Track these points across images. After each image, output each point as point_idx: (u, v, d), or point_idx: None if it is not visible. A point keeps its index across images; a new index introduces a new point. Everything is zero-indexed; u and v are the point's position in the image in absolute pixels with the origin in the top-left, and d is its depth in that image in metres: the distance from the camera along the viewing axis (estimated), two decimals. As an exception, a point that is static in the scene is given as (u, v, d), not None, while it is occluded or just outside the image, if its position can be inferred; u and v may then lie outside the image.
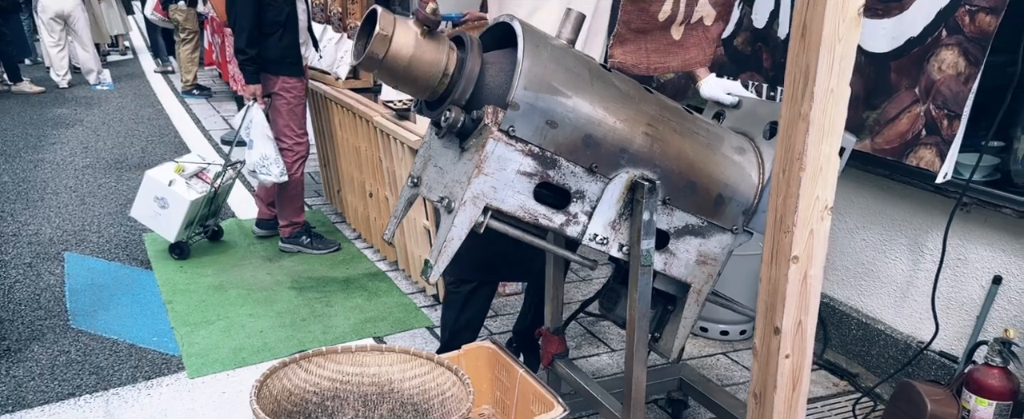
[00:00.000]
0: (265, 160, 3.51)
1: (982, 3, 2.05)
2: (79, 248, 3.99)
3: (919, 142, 2.30)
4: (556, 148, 1.51)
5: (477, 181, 1.45)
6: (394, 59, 1.45)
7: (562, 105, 1.50)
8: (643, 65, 1.51)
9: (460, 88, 1.48)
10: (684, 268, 1.74)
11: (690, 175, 1.66)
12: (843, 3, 1.35)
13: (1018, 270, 2.25)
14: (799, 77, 1.41)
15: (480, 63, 1.50)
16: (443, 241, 1.47)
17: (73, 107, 7.66)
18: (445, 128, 1.46)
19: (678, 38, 1.52)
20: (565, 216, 1.56)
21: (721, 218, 1.74)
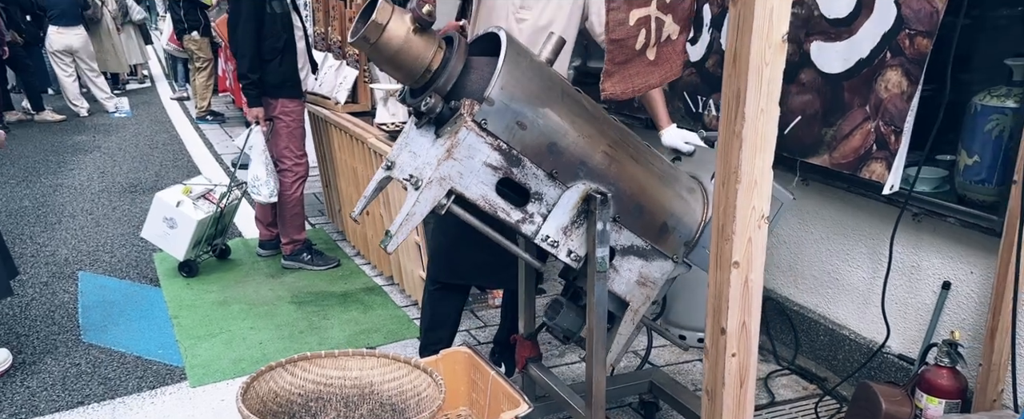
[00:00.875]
0: (256, 180, 3.64)
1: (919, 27, 2.15)
2: (93, 267, 4.11)
3: (871, 156, 2.39)
4: (522, 148, 1.61)
5: (446, 164, 1.55)
6: (384, 45, 1.57)
7: (533, 110, 1.60)
8: (630, 89, 1.65)
9: (443, 78, 1.59)
10: (625, 286, 1.83)
11: (640, 199, 1.76)
12: (768, 31, 1.44)
13: (965, 276, 2.33)
14: (732, 99, 1.51)
15: (464, 62, 1.61)
16: (406, 214, 1.57)
17: (92, 134, 7.83)
18: (425, 112, 1.57)
19: (653, 58, 1.64)
20: (522, 213, 1.66)
21: (664, 245, 1.84)
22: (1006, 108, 2.13)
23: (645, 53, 1.62)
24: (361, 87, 4.19)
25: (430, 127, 1.64)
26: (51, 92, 9.74)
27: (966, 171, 2.28)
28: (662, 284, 1.88)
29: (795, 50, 2.59)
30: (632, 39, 1.57)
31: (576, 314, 1.93)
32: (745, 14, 1.43)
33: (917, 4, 2.16)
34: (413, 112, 1.68)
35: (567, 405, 2.10)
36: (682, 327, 3.13)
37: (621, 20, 1.52)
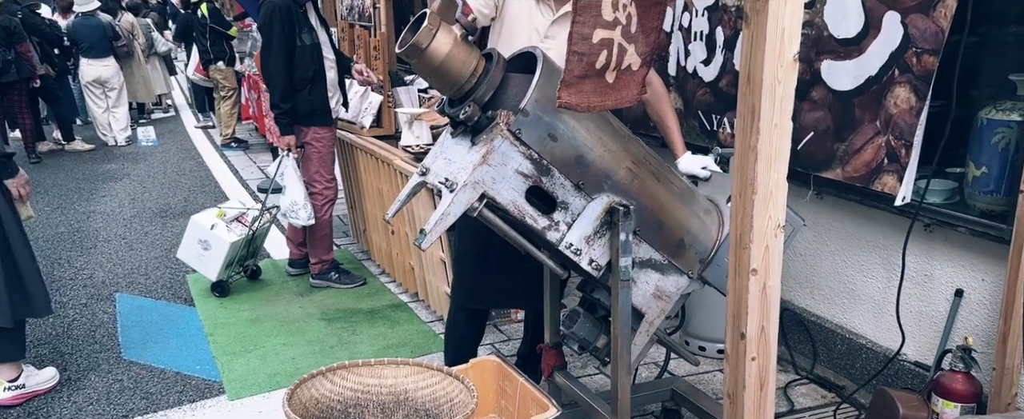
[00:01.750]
0: (295, 205, 3.75)
1: (925, 46, 2.23)
2: (129, 289, 4.23)
3: (882, 169, 2.46)
4: (552, 159, 1.70)
5: (480, 169, 1.64)
6: (434, 51, 1.66)
7: (564, 124, 1.70)
8: (584, 104, 1.67)
9: (482, 89, 1.69)
10: (641, 297, 1.91)
11: (659, 215, 1.85)
12: (780, 51, 1.53)
13: (977, 283, 2.38)
14: (747, 115, 1.59)
15: (502, 75, 1.71)
16: (441, 214, 1.66)
17: (121, 162, 8.01)
18: (463, 120, 1.67)
19: (611, 81, 1.71)
20: (549, 221, 1.75)
21: (681, 260, 1.92)
22: (1011, 121, 2.20)
23: (604, 75, 1.67)
24: (385, 112, 4.32)
25: (466, 136, 1.74)
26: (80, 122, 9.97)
27: (975, 182, 2.34)
28: (677, 299, 1.96)
29: (806, 69, 2.68)
30: (594, 56, 1.62)
31: (592, 325, 2.00)
32: (758, 35, 1.51)
33: (923, 23, 2.25)
34: (451, 121, 1.78)
35: (593, 411, 2.17)
36: (702, 338, 3.19)
37: (585, 35, 1.57)
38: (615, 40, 1.64)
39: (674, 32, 3.45)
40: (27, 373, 3.01)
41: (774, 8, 1.48)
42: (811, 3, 2.63)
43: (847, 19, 2.50)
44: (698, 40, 3.29)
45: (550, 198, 1.74)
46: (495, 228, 1.78)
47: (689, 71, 3.37)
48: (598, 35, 1.60)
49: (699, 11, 3.26)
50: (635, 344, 1.98)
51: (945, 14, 2.15)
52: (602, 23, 1.58)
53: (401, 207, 1.95)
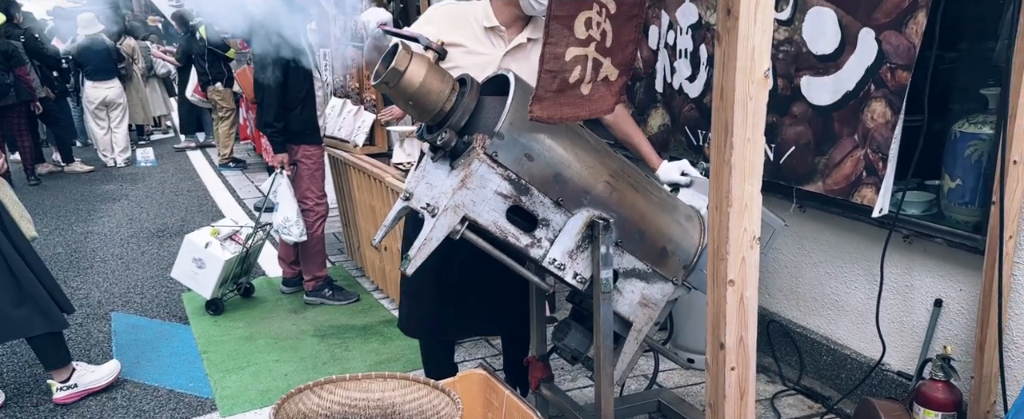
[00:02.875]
0: (288, 222, 3.78)
1: (898, 61, 2.27)
2: (124, 308, 4.23)
3: (861, 182, 2.49)
4: (530, 178, 1.72)
5: (460, 193, 1.66)
6: (410, 77, 1.69)
7: (540, 143, 1.72)
8: (557, 116, 1.68)
9: (457, 114, 1.72)
10: (628, 307, 1.93)
11: (641, 225, 1.87)
12: (751, 69, 1.56)
13: (955, 293, 2.41)
14: (721, 131, 1.62)
15: (477, 99, 1.74)
16: (424, 239, 1.68)
17: (119, 183, 8.04)
18: (440, 146, 1.69)
19: (586, 93, 1.70)
20: (531, 238, 1.76)
21: (664, 268, 1.94)
22: (983, 134, 2.24)
23: (579, 88, 1.69)
24: (378, 130, 4.36)
25: (445, 160, 1.77)
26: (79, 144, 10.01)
27: (950, 194, 2.37)
28: (664, 305, 1.98)
29: (787, 85, 2.72)
30: (566, 73, 1.64)
31: (583, 335, 2.02)
32: (729, 53, 1.55)
33: (896, 40, 2.29)
34: (429, 146, 1.81)
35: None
36: (691, 350, 3.20)
37: (557, 54, 1.58)
38: (589, 55, 1.66)
39: (660, 50, 3.49)
40: (80, 372, 3.12)
41: (744, 28, 1.52)
42: (789, 20, 2.68)
43: (824, 36, 2.55)
44: (683, 57, 3.33)
45: (531, 216, 1.76)
46: (478, 248, 1.80)
47: (675, 88, 3.41)
48: (571, 53, 1.63)
49: (683, 29, 3.30)
50: (625, 352, 2.00)
51: (916, 31, 2.20)
52: (574, 42, 1.61)
53: (387, 232, 1.98)
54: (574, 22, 1.60)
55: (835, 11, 2.48)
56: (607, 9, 1.64)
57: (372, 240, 2.05)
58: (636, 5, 1.66)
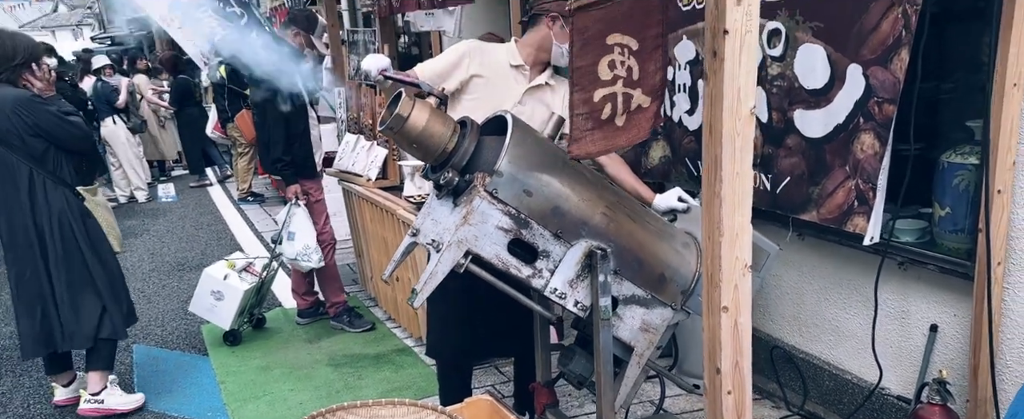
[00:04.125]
0: (307, 249, 3.91)
1: (884, 95, 2.34)
2: (146, 341, 4.31)
3: (854, 211, 2.54)
4: (529, 212, 1.79)
5: (463, 229, 1.74)
6: (413, 122, 1.78)
7: (537, 180, 1.80)
8: (595, 151, 1.73)
9: (459, 155, 1.81)
10: (629, 332, 1.98)
11: (638, 253, 1.94)
12: (737, 106, 1.62)
13: (950, 318, 2.44)
14: (711, 164, 1.69)
15: (477, 140, 1.83)
16: (429, 274, 1.75)
17: (141, 218, 8.18)
18: (444, 185, 1.77)
19: (622, 124, 1.74)
20: (532, 269, 1.83)
21: (663, 294, 1.99)
22: (969, 164, 2.29)
23: (614, 121, 1.74)
24: (390, 164, 4.45)
25: (449, 198, 1.85)
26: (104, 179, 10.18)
27: (941, 222, 2.42)
28: (664, 330, 2.03)
29: (781, 117, 2.79)
30: (598, 112, 1.69)
31: (587, 360, 2.07)
32: (716, 92, 1.62)
33: (882, 75, 2.36)
34: (434, 185, 1.89)
35: (584, 448, 2.22)
36: (697, 376, 3.23)
37: (586, 99, 1.64)
38: (618, 92, 1.72)
39: (660, 85, 3.58)
40: (110, 391, 3.29)
41: (729, 68, 1.59)
42: (781, 57, 2.76)
43: (815, 71, 2.62)
44: (682, 92, 3.42)
45: (532, 248, 1.83)
46: (482, 280, 1.87)
47: (675, 121, 3.49)
48: (599, 94, 1.69)
49: (682, 65, 3.39)
50: (628, 377, 2.04)
51: (900, 66, 2.27)
52: (600, 84, 1.68)
53: (396, 267, 2.06)
54: (597, 68, 1.68)
55: (824, 48, 2.56)
56: (628, 48, 1.71)
57: (383, 275, 2.13)
58: (659, 36, 1.73)
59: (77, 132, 3.11)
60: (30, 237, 3.10)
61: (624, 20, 1.69)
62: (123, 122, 8.98)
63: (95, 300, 3.20)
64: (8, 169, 3.05)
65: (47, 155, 3.07)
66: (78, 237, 3.14)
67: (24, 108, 2.99)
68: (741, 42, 1.58)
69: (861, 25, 2.38)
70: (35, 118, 3.00)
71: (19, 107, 2.98)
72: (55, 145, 3.08)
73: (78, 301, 3.16)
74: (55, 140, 3.07)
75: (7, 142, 3.02)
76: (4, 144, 3.03)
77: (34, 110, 3.00)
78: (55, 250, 3.10)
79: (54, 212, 3.09)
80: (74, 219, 3.13)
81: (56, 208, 3.09)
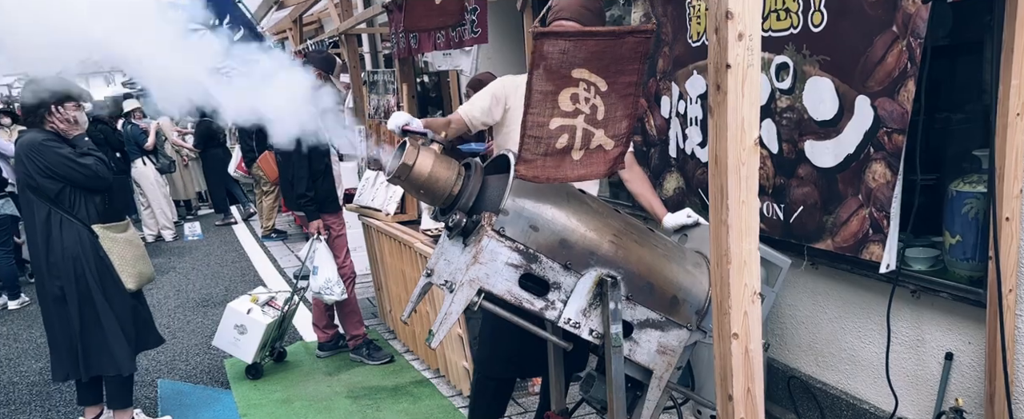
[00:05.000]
0: (329, 282, 3.96)
1: (893, 126, 2.37)
2: (170, 375, 4.37)
3: (868, 239, 2.55)
4: (537, 247, 1.83)
5: (474, 268, 1.78)
6: (419, 169, 1.84)
7: (543, 214, 1.84)
8: (543, 177, 1.73)
9: (465, 197, 1.85)
10: (647, 355, 1.99)
11: (649, 278, 1.96)
12: (741, 138, 1.66)
13: (964, 346, 2.42)
14: (717, 194, 1.72)
15: (481, 181, 1.87)
16: (444, 314, 1.79)
17: (168, 256, 8.30)
18: (452, 227, 1.82)
19: (578, 159, 1.75)
20: (544, 302, 1.86)
21: (677, 315, 2.01)
22: (978, 193, 2.30)
23: (569, 153, 1.75)
24: (408, 199, 4.53)
25: (459, 238, 1.89)
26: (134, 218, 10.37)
27: (952, 250, 2.42)
28: (681, 351, 2.04)
29: (791, 148, 2.82)
30: (551, 140, 1.70)
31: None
32: (721, 124, 1.66)
33: (890, 106, 2.39)
34: (443, 227, 1.95)
35: (600, 477, 2.22)
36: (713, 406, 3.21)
37: (541, 123, 1.65)
38: (577, 126, 1.74)
39: (672, 118, 3.63)
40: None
41: (733, 101, 1.63)
42: (790, 89, 2.80)
43: (823, 103, 2.66)
44: (694, 125, 3.46)
45: (543, 281, 1.86)
46: (497, 315, 1.91)
47: (687, 153, 3.53)
48: (556, 122, 1.71)
49: (693, 99, 3.45)
50: (649, 399, 2.04)
51: (907, 97, 2.30)
52: (560, 113, 1.70)
53: (413, 307, 2.10)
54: (557, 97, 1.69)
55: (832, 80, 2.60)
56: (596, 87, 1.74)
57: (401, 315, 2.18)
58: (631, 85, 1.77)
59: (86, 172, 3.20)
60: (43, 271, 3.24)
61: (594, 59, 1.71)
62: (152, 163, 9.18)
63: (101, 337, 3.28)
64: (30, 209, 3.24)
65: (62, 194, 3.20)
66: (88, 275, 3.24)
67: (35, 151, 3.15)
68: (743, 76, 1.62)
69: (867, 58, 2.43)
70: (45, 160, 3.14)
71: (31, 151, 3.15)
72: (70, 185, 3.20)
73: (87, 336, 3.27)
74: (68, 181, 3.19)
75: (26, 184, 3.21)
76: (25, 186, 3.23)
77: (44, 153, 3.14)
78: (69, 286, 3.22)
79: (67, 250, 3.20)
80: (86, 257, 3.23)
81: (69, 246, 3.20)
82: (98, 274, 3.26)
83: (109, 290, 3.30)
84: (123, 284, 3.33)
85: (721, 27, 1.59)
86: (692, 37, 3.28)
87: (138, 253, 3.44)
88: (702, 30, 3.21)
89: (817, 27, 2.59)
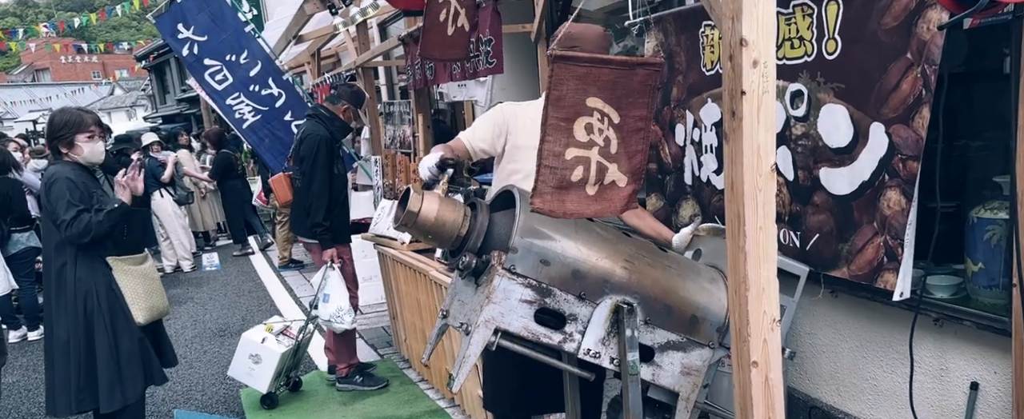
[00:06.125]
0: (340, 311, 3.97)
1: (908, 153, 2.34)
2: (186, 405, 4.35)
3: (883, 267, 2.51)
4: (550, 280, 1.81)
5: (488, 308, 1.76)
6: (425, 215, 1.83)
7: (552, 248, 1.82)
8: (560, 211, 1.68)
9: (473, 238, 1.84)
10: (671, 378, 1.95)
11: (666, 300, 1.93)
12: (757, 164, 1.64)
13: (990, 376, 2.36)
14: (734, 221, 1.70)
15: (487, 220, 1.86)
16: (463, 357, 1.77)
17: (186, 287, 8.35)
18: (463, 269, 1.81)
19: (592, 194, 1.72)
20: (562, 335, 1.83)
21: (698, 335, 1.97)
22: (1000, 219, 2.26)
23: (584, 188, 1.70)
24: (424, 229, 4.53)
25: (471, 278, 1.88)
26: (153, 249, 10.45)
27: (974, 277, 2.38)
28: (706, 370, 1.99)
29: (806, 176, 2.80)
30: (567, 170, 1.66)
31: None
32: (736, 151, 1.65)
33: (904, 132, 2.37)
34: (455, 268, 1.94)
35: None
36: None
37: (556, 152, 1.62)
38: (592, 158, 1.70)
39: (687, 146, 3.62)
40: None
41: (748, 127, 1.62)
42: (805, 117, 2.79)
43: (838, 130, 2.64)
44: (709, 152, 3.45)
45: (558, 314, 1.84)
46: (515, 352, 1.89)
47: (703, 180, 3.51)
48: (571, 153, 1.68)
49: (707, 127, 3.44)
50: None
51: (922, 124, 2.27)
52: (574, 143, 1.66)
53: (433, 349, 2.10)
54: (573, 125, 1.66)
55: (846, 107, 2.58)
56: (610, 118, 1.71)
57: (422, 358, 2.18)
58: (643, 119, 1.74)
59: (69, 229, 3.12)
60: (52, 303, 3.22)
61: (607, 88, 1.67)
62: (169, 195, 9.28)
63: (104, 371, 3.22)
64: (49, 239, 3.26)
65: None
66: (95, 310, 3.20)
67: (46, 186, 3.18)
68: (759, 102, 1.61)
69: (881, 85, 2.41)
70: (46, 197, 3.16)
71: (45, 184, 3.19)
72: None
73: (81, 372, 3.22)
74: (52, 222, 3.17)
75: (45, 215, 3.23)
76: (44, 216, 3.25)
77: (48, 191, 3.15)
78: (77, 319, 3.18)
79: (80, 282, 3.18)
80: (98, 290, 3.20)
81: (82, 278, 3.18)
82: (108, 308, 3.22)
83: (118, 324, 3.24)
84: (132, 318, 3.28)
85: (735, 54, 1.58)
86: (705, 66, 3.29)
87: (152, 287, 3.39)
88: (715, 59, 3.21)
89: (831, 55, 2.59)
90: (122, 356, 3.25)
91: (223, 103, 5.88)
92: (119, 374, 3.24)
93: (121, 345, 3.24)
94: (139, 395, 3.34)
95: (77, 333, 3.19)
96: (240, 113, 5.87)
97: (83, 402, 3.23)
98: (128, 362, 3.26)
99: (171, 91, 27.16)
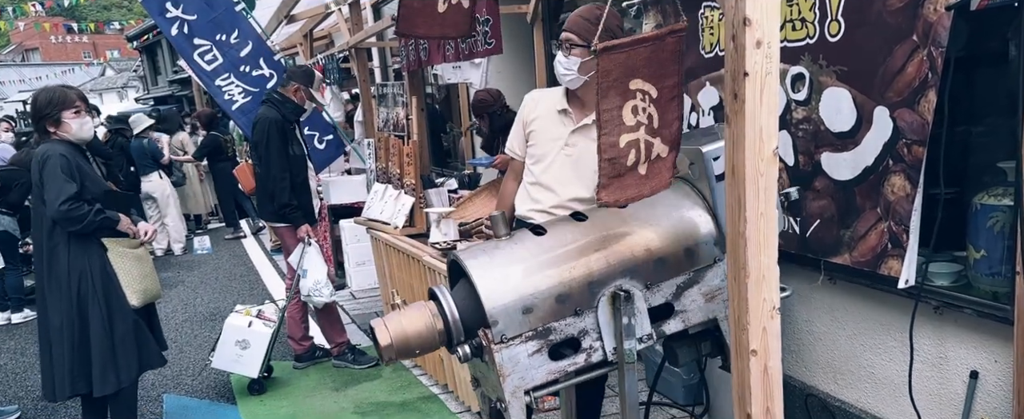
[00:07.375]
0: (318, 284, 4.00)
1: (913, 137, 2.31)
2: (176, 390, 4.33)
3: (887, 254, 2.49)
4: (542, 321, 1.78)
5: (506, 383, 1.76)
6: (400, 341, 1.81)
7: (525, 293, 1.79)
8: (623, 198, 1.73)
9: (453, 330, 1.82)
10: (701, 313, 1.92)
11: (654, 254, 1.88)
12: (759, 148, 1.61)
13: (990, 365, 2.34)
14: (735, 206, 1.66)
15: (454, 304, 1.83)
16: None
17: (176, 270, 8.30)
18: (465, 359, 1.80)
19: (644, 173, 1.75)
20: (584, 353, 1.82)
21: (700, 261, 1.92)
22: (1003, 206, 2.24)
23: (637, 169, 1.75)
24: (417, 212, 4.48)
25: (479, 358, 1.86)
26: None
27: (976, 265, 2.35)
28: (725, 283, 1.94)
29: (807, 161, 2.76)
30: (624, 157, 1.70)
31: (688, 346, 2.01)
32: (738, 134, 1.61)
33: (909, 117, 2.33)
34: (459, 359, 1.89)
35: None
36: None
37: (613, 143, 1.65)
38: (641, 138, 1.73)
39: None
40: None
41: (751, 109, 1.58)
42: (806, 101, 2.75)
43: (841, 114, 2.60)
44: (707, 138, 3.41)
45: (570, 339, 1.82)
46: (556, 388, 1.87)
47: (700, 167, 3.48)
48: (624, 139, 1.70)
49: (705, 111, 3.40)
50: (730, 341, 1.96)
51: (928, 108, 2.24)
52: (625, 129, 1.69)
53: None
54: (622, 112, 1.68)
55: (850, 91, 2.54)
56: (649, 95, 1.72)
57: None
58: (676, 87, 1.75)
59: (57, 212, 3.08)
60: (45, 286, 3.19)
61: (645, 66, 1.70)
62: (167, 177, 9.21)
63: (98, 354, 3.19)
64: (39, 221, 3.21)
65: None
66: (90, 292, 3.16)
67: (39, 165, 3.11)
68: (762, 84, 1.57)
69: (886, 68, 2.37)
70: (41, 176, 3.10)
71: (38, 163, 3.12)
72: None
73: (74, 354, 3.19)
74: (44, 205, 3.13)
75: (36, 195, 3.18)
76: (35, 197, 3.20)
77: (43, 169, 3.09)
78: (70, 301, 3.15)
79: (74, 264, 3.14)
80: (92, 271, 3.16)
81: (76, 259, 3.14)
82: (103, 290, 3.19)
83: (112, 307, 3.22)
84: (127, 301, 3.26)
85: (738, 34, 1.54)
86: (705, 48, 3.24)
87: (146, 270, 3.37)
88: (715, 41, 3.17)
89: (834, 37, 2.55)
90: (116, 339, 3.22)
91: (212, 84, 5.80)
92: (113, 357, 3.21)
93: (116, 328, 3.22)
94: (133, 379, 3.32)
95: (70, 316, 3.16)
96: (230, 94, 5.78)
97: (78, 385, 3.20)
98: (122, 345, 3.23)
99: (163, 72, 26.96)
